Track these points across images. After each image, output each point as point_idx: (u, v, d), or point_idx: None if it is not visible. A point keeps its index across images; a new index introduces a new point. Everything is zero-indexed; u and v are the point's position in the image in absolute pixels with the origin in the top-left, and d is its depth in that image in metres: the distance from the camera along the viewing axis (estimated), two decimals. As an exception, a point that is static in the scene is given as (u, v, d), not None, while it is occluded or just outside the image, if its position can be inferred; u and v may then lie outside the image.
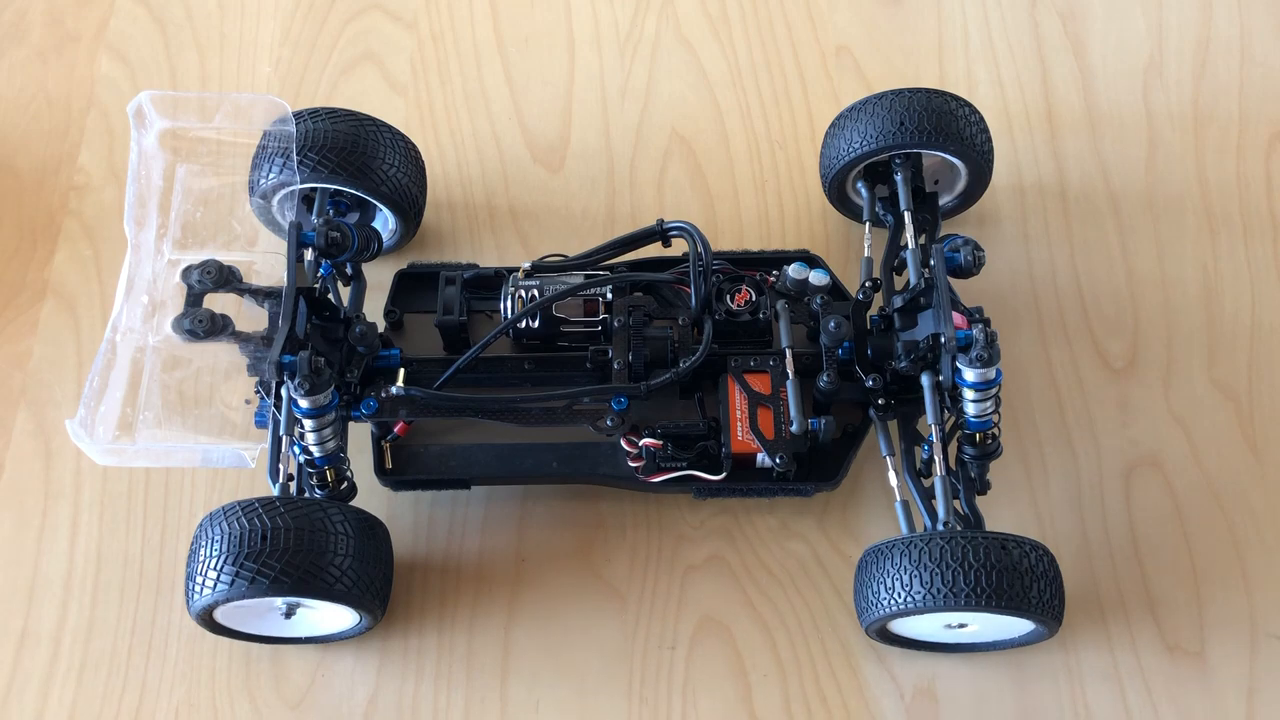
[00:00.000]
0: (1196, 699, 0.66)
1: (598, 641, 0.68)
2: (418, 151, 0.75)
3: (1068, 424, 0.73)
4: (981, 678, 0.66)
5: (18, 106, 0.86)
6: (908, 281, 0.68)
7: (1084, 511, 0.71)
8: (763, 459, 0.67)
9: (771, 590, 0.69)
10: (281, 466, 0.63)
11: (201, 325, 0.62)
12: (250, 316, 0.66)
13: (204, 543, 0.60)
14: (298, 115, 0.70)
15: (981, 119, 0.73)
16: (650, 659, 0.67)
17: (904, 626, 0.64)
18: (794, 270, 0.71)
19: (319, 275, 0.67)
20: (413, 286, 0.74)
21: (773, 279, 0.72)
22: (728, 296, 0.71)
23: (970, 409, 0.64)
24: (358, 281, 0.71)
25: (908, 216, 0.71)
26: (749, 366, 0.68)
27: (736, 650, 0.67)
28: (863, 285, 0.69)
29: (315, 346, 0.64)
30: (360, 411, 0.65)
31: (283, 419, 0.63)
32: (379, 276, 0.74)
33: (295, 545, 0.59)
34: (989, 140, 0.73)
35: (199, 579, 0.59)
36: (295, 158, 0.68)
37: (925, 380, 0.65)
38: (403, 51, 0.88)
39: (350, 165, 0.70)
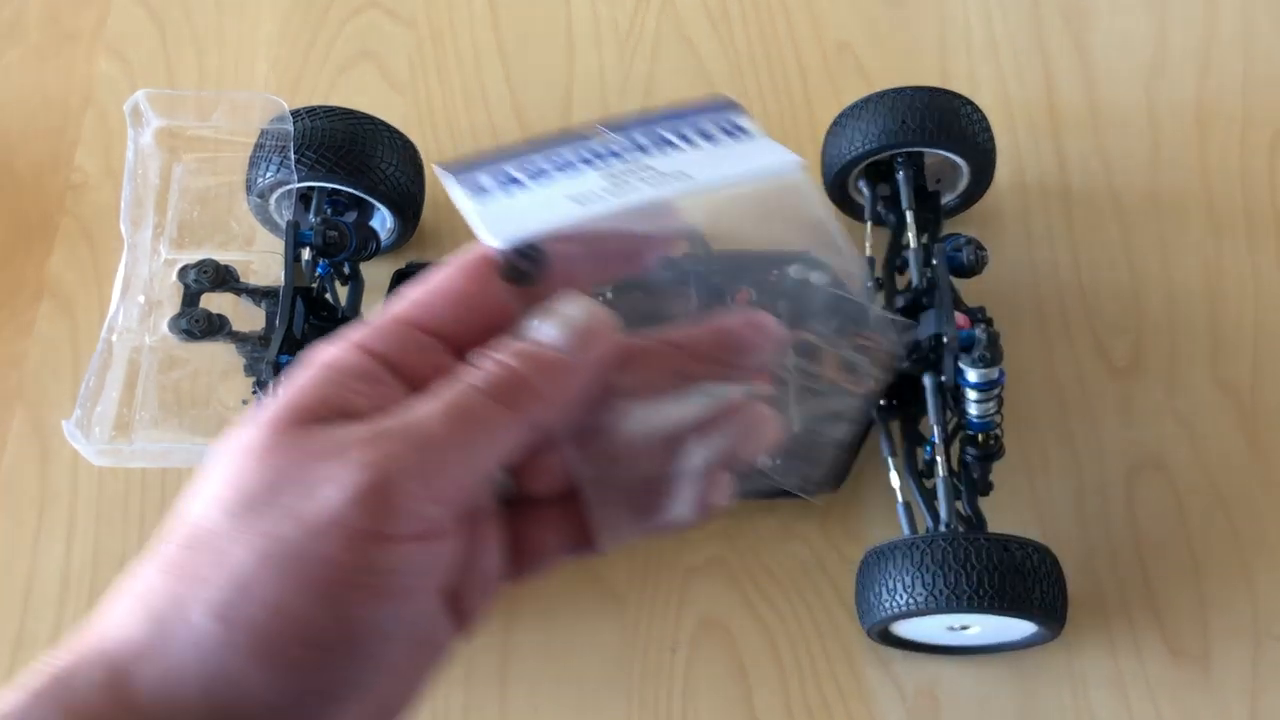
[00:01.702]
0: (1200, 702, 0.65)
1: (597, 644, 0.67)
2: (416, 150, 0.75)
3: (1070, 424, 0.73)
4: (984, 680, 0.66)
5: (15, 105, 0.86)
6: (910, 281, 0.68)
7: (1086, 513, 0.70)
8: (763, 459, 0.66)
9: (772, 592, 0.68)
10: (279, 468, 0.63)
11: (198, 325, 0.62)
12: (247, 316, 0.65)
13: (200, 545, 0.59)
14: (295, 114, 0.69)
15: (984, 117, 0.73)
16: (650, 662, 0.67)
17: (906, 628, 0.64)
18: (795, 271, 0.70)
19: (316, 275, 0.67)
20: (411, 286, 0.73)
21: (773, 279, 0.71)
22: (728, 297, 0.70)
23: (973, 409, 0.63)
24: (355, 281, 0.71)
25: (910, 215, 0.71)
26: (749, 367, 0.68)
27: (737, 653, 0.67)
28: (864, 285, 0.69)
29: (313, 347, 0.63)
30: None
31: (280, 420, 0.62)
32: (377, 276, 0.74)
33: (292, 547, 0.58)
34: (991, 139, 0.73)
35: (195, 581, 0.59)
36: (293, 156, 0.68)
37: (927, 380, 0.65)
38: (401, 50, 0.88)
39: (348, 164, 0.69)
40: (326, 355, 0.28)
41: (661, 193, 0.29)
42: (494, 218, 0.29)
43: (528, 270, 0.29)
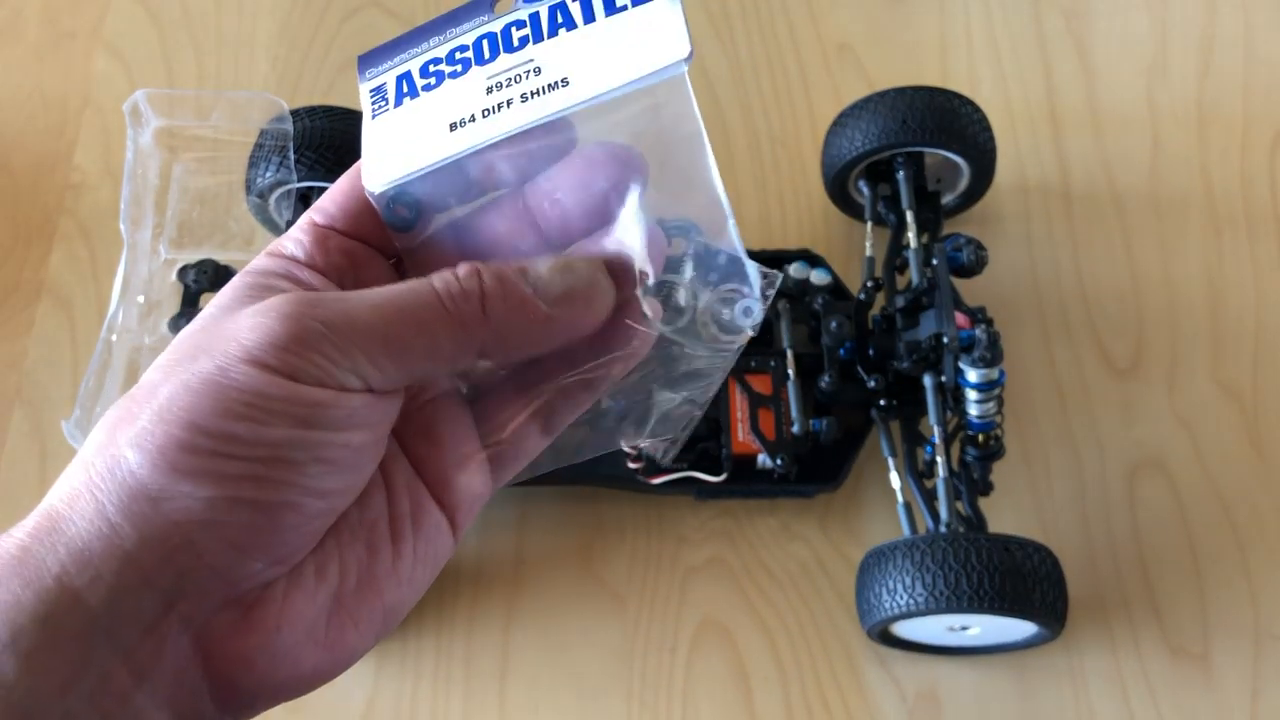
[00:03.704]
0: (1200, 701, 0.65)
1: (597, 644, 0.67)
2: (416, 150, 0.74)
3: (1071, 425, 0.73)
4: (984, 680, 0.66)
5: (13, 105, 0.86)
6: (910, 281, 0.68)
7: (1087, 513, 0.70)
8: (764, 460, 0.66)
9: (772, 592, 0.68)
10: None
11: (197, 325, 0.61)
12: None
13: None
14: (295, 113, 0.69)
15: (984, 117, 0.72)
16: (650, 662, 0.67)
17: (906, 629, 0.64)
18: (795, 270, 0.70)
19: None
20: (411, 286, 0.73)
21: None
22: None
23: (973, 410, 0.63)
24: (355, 281, 0.70)
25: (910, 215, 0.70)
26: (750, 367, 0.68)
27: (737, 653, 0.67)
28: (864, 285, 0.69)
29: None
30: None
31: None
32: (377, 276, 0.74)
33: (292, 547, 0.58)
34: (992, 139, 0.73)
35: (195, 581, 0.59)
36: (292, 156, 0.68)
37: (928, 381, 0.64)
38: (401, 49, 0.88)
39: (348, 164, 0.69)
40: (244, 269, 0.30)
41: (530, 119, 0.29)
42: (376, 151, 0.30)
43: (407, 218, 0.30)
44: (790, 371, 0.67)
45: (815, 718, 0.65)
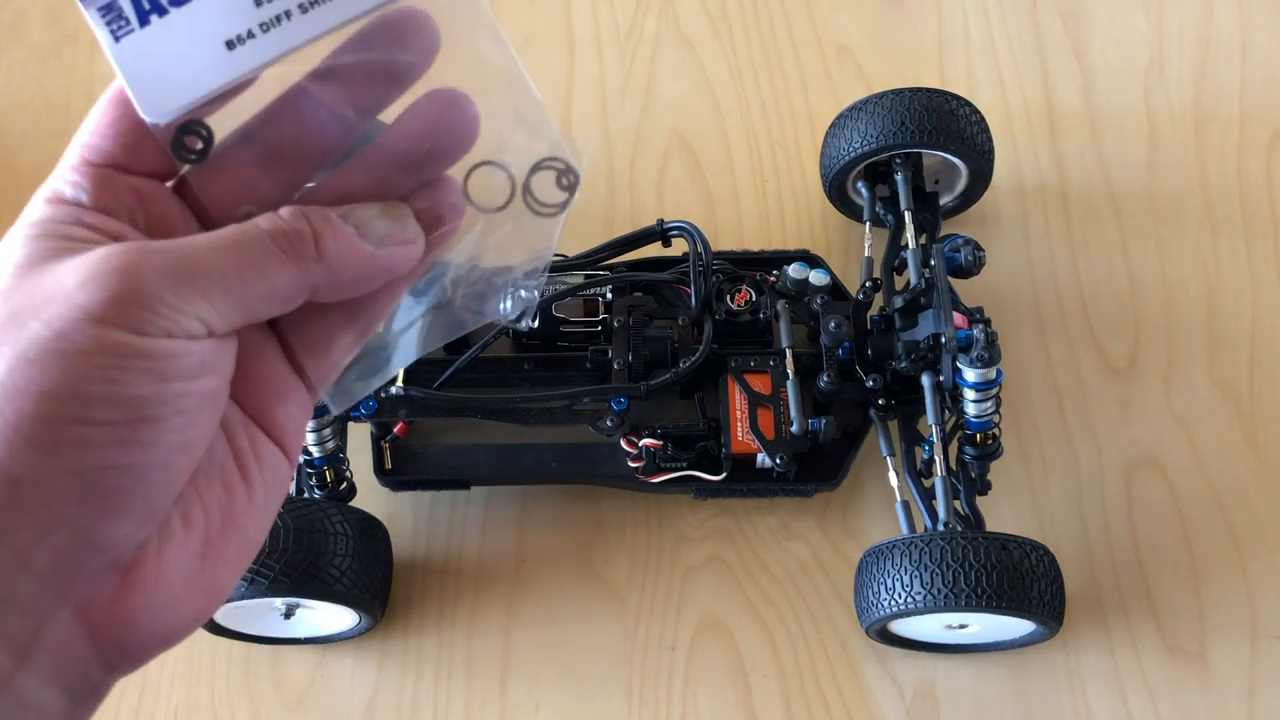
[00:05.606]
0: (1197, 699, 0.65)
1: (598, 642, 0.68)
2: (417, 151, 0.75)
3: (1068, 424, 0.73)
4: (982, 678, 0.66)
5: (17, 106, 0.86)
6: (908, 281, 0.68)
7: (1084, 512, 0.71)
8: (763, 459, 0.67)
9: (772, 591, 0.69)
10: (280, 467, 0.63)
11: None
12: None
13: (203, 543, 0.60)
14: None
15: (982, 119, 0.73)
16: (650, 660, 0.67)
17: (904, 627, 0.64)
18: (794, 270, 0.71)
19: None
20: (412, 286, 0.73)
21: (773, 279, 0.71)
22: (728, 296, 0.70)
23: (971, 409, 0.64)
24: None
25: (908, 216, 0.71)
26: (749, 367, 0.68)
27: (737, 651, 0.67)
28: (863, 285, 0.69)
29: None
30: (360, 411, 0.65)
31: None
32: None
33: (295, 545, 0.59)
34: (989, 140, 0.73)
35: (198, 579, 0.59)
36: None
37: (926, 380, 0.65)
38: (402, 51, 0.88)
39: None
40: (22, 219, 0.28)
41: (316, 29, 0.28)
42: (142, 79, 0.28)
43: (199, 149, 0.29)
44: (789, 371, 0.67)
45: (814, 715, 0.65)
